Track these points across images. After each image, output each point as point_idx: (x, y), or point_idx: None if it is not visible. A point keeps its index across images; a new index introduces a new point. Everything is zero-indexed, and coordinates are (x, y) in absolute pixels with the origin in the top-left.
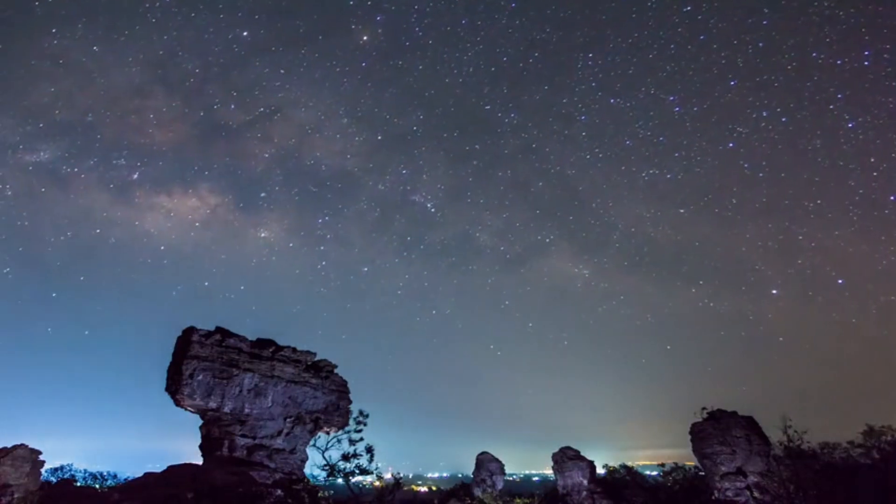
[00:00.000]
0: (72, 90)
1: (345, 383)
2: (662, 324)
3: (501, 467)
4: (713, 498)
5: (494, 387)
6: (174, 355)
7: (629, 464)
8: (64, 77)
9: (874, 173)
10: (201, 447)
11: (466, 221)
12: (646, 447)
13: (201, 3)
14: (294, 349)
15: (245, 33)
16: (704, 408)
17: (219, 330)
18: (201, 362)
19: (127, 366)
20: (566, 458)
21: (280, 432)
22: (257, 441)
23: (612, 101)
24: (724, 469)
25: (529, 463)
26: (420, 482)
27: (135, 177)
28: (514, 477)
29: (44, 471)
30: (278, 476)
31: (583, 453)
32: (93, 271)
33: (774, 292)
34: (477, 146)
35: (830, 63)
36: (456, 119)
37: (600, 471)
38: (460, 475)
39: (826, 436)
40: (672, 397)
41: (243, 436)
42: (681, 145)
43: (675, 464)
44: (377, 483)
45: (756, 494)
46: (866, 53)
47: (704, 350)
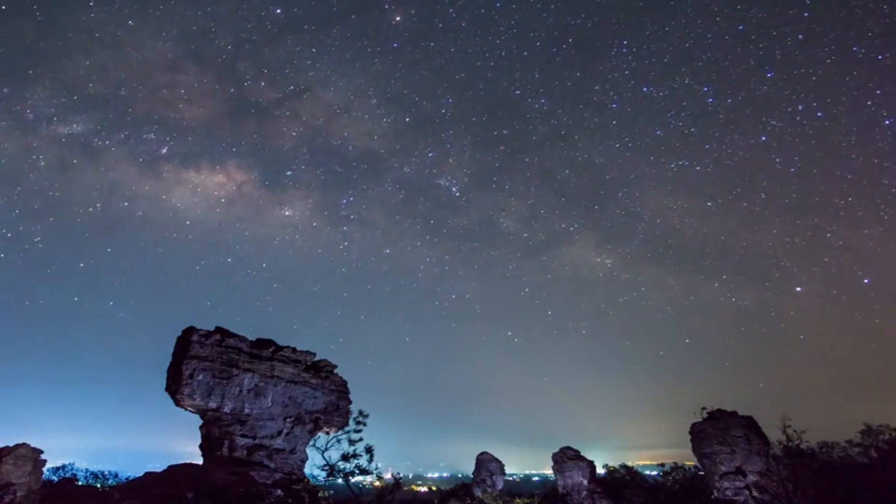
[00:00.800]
0: (106, 63)
1: (345, 383)
2: (682, 317)
3: (501, 467)
4: (713, 497)
5: (499, 381)
6: (174, 355)
7: (629, 464)
8: (99, 50)
9: None
10: (201, 447)
11: (490, 207)
12: (646, 447)
13: None
14: (294, 349)
15: (278, 10)
16: (704, 407)
17: (218, 330)
18: (201, 362)
19: (127, 364)
20: (566, 457)
21: (280, 432)
22: (257, 441)
23: (645, 89)
24: (723, 469)
25: (529, 463)
26: (420, 482)
27: (164, 151)
28: (514, 477)
29: (45, 470)
30: (278, 476)
31: (583, 453)
32: (119, 243)
33: (798, 289)
34: (505, 131)
35: (871, 58)
36: (485, 103)
37: (600, 471)
38: (460, 475)
39: (826, 435)
40: (676, 395)
41: (243, 436)
42: (712, 137)
43: (675, 464)
44: (377, 483)
45: (755, 494)
46: None
47: (723, 344)
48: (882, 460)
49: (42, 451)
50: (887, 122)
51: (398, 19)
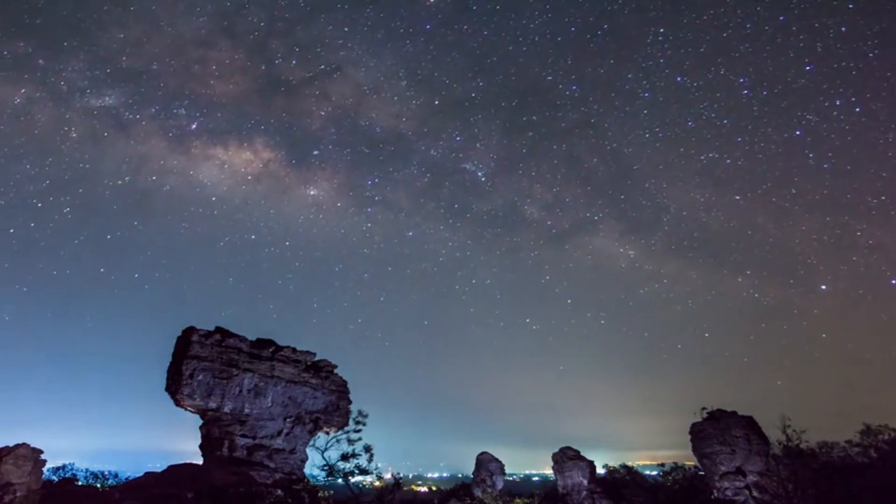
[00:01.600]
0: (140, 38)
1: (344, 383)
2: (703, 311)
3: (501, 467)
4: (712, 497)
5: (512, 373)
6: (174, 355)
7: (629, 464)
8: (133, 24)
9: None
10: (201, 447)
11: (515, 193)
12: (646, 447)
13: None
14: (294, 349)
15: None
16: (704, 407)
17: (218, 330)
18: (201, 362)
19: (127, 364)
20: (566, 457)
21: (280, 432)
22: (257, 441)
23: (679, 79)
24: (723, 468)
25: (529, 463)
26: (420, 482)
27: (193, 127)
28: (514, 477)
29: (45, 470)
30: (278, 476)
31: (583, 453)
32: (146, 217)
33: (824, 287)
34: (534, 118)
35: None
36: (516, 88)
37: (600, 471)
38: (460, 475)
39: (825, 435)
40: (687, 392)
41: (243, 436)
42: (745, 130)
43: (675, 464)
44: (377, 483)
45: (755, 494)
46: None
47: (743, 341)
48: (882, 460)
49: (42, 451)
50: None
51: (432, 1)
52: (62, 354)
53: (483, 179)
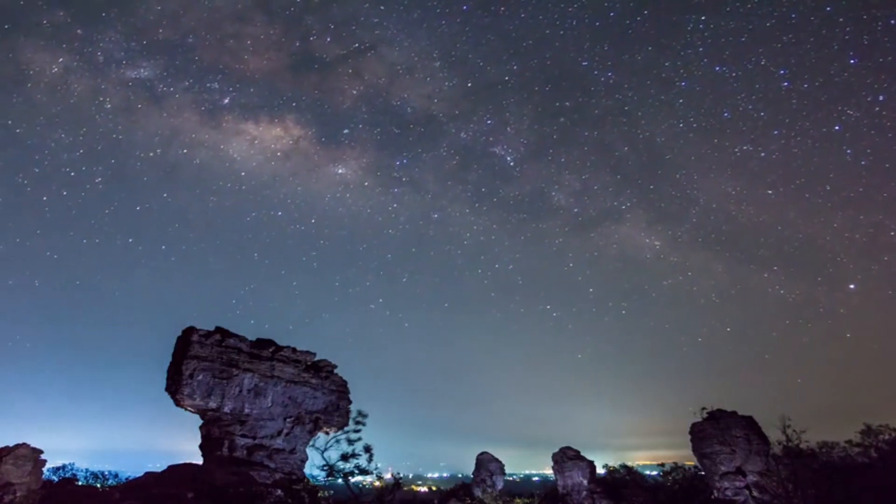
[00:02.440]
0: (177, 10)
1: (344, 383)
2: (726, 305)
3: (501, 467)
4: (712, 497)
5: (529, 363)
6: (174, 355)
7: (629, 464)
8: None
9: None
10: (201, 447)
11: (543, 179)
12: (646, 447)
13: None
14: (294, 349)
15: None
16: (704, 407)
17: (218, 330)
18: (201, 362)
19: (127, 364)
20: (566, 457)
21: (280, 432)
22: (257, 441)
23: (718, 68)
24: (723, 469)
25: (529, 463)
26: (420, 482)
27: (225, 101)
28: (514, 477)
29: (45, 470)
30: (278, 476)
31: (583, 453)
32: (176, 189)
33: (852, 287)
34: (567, 103)
35: None
36: (550, 73)
37: (600, 471)
38: (460, 475)
39: (825, 435)
40: (697, 388)
41: (243, 436)
42: (782, 123)
43: (675, 464)
44: (377, 483)
45: (755, 494)
46: None
47: (765, 337)
48: (882, 460)
49: (42, 451)
50: None
51: None
52: (62, 354)
53: (512, 164)
